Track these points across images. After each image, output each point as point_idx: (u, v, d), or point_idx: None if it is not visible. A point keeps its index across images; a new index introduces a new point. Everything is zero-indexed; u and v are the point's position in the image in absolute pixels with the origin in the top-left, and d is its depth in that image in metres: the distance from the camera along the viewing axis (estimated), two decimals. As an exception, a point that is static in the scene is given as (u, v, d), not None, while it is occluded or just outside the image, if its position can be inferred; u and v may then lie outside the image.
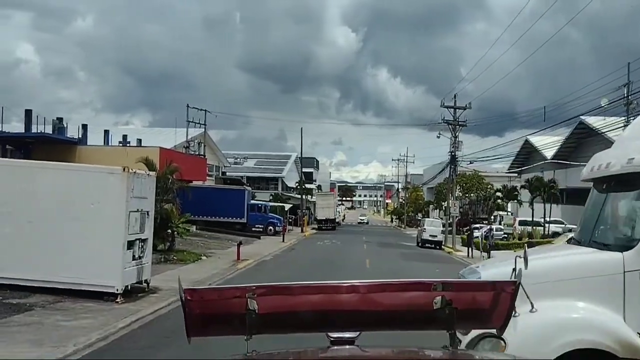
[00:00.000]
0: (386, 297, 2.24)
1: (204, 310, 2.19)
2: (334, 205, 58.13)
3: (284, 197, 72.41)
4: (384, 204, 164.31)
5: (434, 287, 2.17)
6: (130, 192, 13.27)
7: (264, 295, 2.16)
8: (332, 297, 2.24)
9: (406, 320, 2.30)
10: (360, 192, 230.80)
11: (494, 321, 2.30)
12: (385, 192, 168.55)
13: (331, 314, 2.25)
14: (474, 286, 2.50)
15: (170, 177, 22.87)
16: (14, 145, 27.31)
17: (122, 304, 12.82)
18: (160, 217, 22.27)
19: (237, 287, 2.22)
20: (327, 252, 29.60)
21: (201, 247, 28.23)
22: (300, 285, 2.24)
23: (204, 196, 40.01)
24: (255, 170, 77.72)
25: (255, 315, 2.10)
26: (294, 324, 2.30)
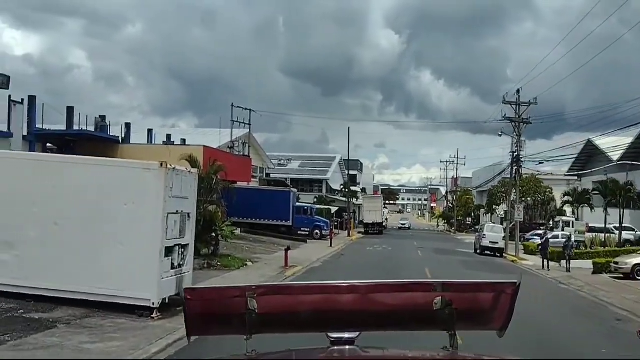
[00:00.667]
0: (386, 298, 2.21)
1: (204, 309, 2.16)
2: (381, 209, 55.70)
3: (328, 200, 70.50)
4: (429, 207, 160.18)
5: (434, 287, 2.16)
6: (168, 191, 11.49)
7: (264, 295, 2.13)
8: (332, 297, 2.21)
9: (406, 320, 2.28)
10: (404, 195, 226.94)
11: (494, 322, 2.26)
12: (430, 196, 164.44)
13: (331, 314, 2.21)
14: (474, 287, 2.35)
15: (214, 176, 21.16)
16: (55, 144, 26.28)
17: (158, 320, 11.02)
18: (204, 220, 20.64)
19: (237, 287, 2.21)
20: (379, 259, 27.36)
21: (246, 251, 26.49)
22: (300, 285, 2.29)
23: (248, 197, 38.46)
24: (299, 172, 76.15)
25: (255, 315, 2.08)
26: (294, 324, 2.27)
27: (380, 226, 55.12)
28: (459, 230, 69.71)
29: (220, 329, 2.31)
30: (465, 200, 72.91)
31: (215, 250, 21.62)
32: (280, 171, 71.11)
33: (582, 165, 63.53)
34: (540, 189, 54.50)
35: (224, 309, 2.19)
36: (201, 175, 21.01)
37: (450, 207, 79.40)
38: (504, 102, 33.59)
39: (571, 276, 22.66)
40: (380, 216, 54.83)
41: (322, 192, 74.45)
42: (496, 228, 33.37)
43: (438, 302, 2.15)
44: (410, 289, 2.27)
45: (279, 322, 2.25)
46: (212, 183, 20.97)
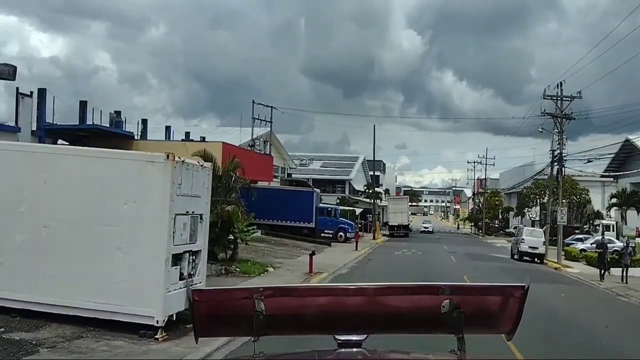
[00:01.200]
0: (394, 300, 2.21)
1: (212, 310, 2.16)
2: (407, 211, 53.41)
3: (351, 201, 68.50)
4: (453, 209, 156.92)
5: (441, 290, 2.14)
6: (176, 187, 9.70)
7: (272, 296, 2.13)
8: (339, 300, 2.22)
9: (414, 323, 2.27)
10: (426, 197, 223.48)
11: (502, 325, 2.24)
12: (454, 198, 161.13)
13: (338, 316, 2.21)
14: (481, 290, 2.33)
15: (233, 174, 19.39)
16: (66, 140, 24.82)
17: (163, 341, 9.24)
18: (222, 221, 18.89)
19: (245, 289, 2.28)
20: (411, 265, 25.30)
21: (267, 255, 24.68)
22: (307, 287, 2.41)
23: (269, 198, 36.67)
24: (321, 172, 74.33)
25: (262, 317, 2.08)
26: (301, 326, 2.27)
27: (406, 228, 52.90)
28: (487, 233, 67.00)
29: (228, 330, 2.45)
30: (494, 202, 70.13)
31: (234, 254, 19.84)
32: (302, 171, 69.47)
33: (619, 166, 60.45)
34: (576, 191, 51.63)
35: (232, 311, 2.18)
36: (218, 172, 19.31)
37: (477, 209, 76.62)
38: (544, 97, 31.22)
39: (629, 287, 20.30)
40: (406, 218, 52.63)
41: (345, 193, 72.47)
42: (536, 232, 30.96)
43: (446, 305, 2.11)
44: (417, 292, 2.24)
45: (287, 324, 2.23)
46: (231, 181, 19.18)
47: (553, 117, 30.56)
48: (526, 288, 2.17)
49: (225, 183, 19.06)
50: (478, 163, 73.78)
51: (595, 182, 58.76)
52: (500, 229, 71.95)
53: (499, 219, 75.36)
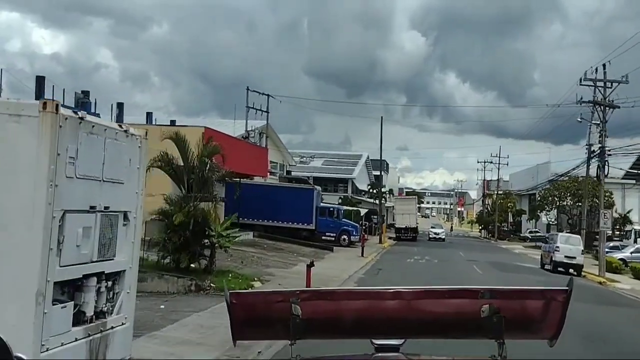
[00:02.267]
0: (432, 304, 2.15)
1: (248, 314, 2.16)
2: (415, 212, 49.00)
3: (354, 201, 64.22)
4: (457, 211, 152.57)
5: (481, 294, 2.08)
6: (65, 162, 5.37)
7: (308, 300, 2.11)
8: (376, 303, 2.17)
9: (452, 328, 2.21)
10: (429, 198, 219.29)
11: (545, 331, 2.17)
12: (457, 199, 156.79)
13: (375, 320, 2.17)
14: (522, 294, 2.22)
15: (208, 161, 15.03)
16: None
17: None
18: (194, 222, 14.62)
19: (281, 292, 2.23)
20: (430, 278, 20.90)
21: (256, 263, 20.35)
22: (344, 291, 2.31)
23: (263, 195, 32.36)
24: (323, 171, 70.07)
25: (299, 320, 2.06)
26: (338, 330, 2.23)
27: (415, 231, 48.53)
28: (500, 237, 62.56)
29: (265, 333, 2.30)
30: (507, 204, 65.69)
31: (210, 264, 15.48)
32: (302, 169, 65.43)
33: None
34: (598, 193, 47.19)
35: (268, 314, 2.16)
36: (191, 161, 15.01)
37: (488, 212, 72.13)
38: (582, 82, 26.85)
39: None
40: (414, 220, 48.25)
41: (348, 192, 68.15)
42: (572, 239, 26.52)
43: (485, 309, 2.07)
44: (456, 296, 2.18)
45: (323, 328, 2.20)
46: (205, 171, 14.83)
47: (594, 105, 26.18)
48: (569, 292, 2.08)
49: (199, 173, 14.74)
50: (489, 163, 69.28)
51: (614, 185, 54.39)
52: (512, 233, 67.55)
53: (510, 223, 70.91)
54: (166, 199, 14.94)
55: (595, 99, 26.84)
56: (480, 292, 2.10)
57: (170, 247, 14.53)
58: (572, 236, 27.62)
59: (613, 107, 25.32)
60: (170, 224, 14.55)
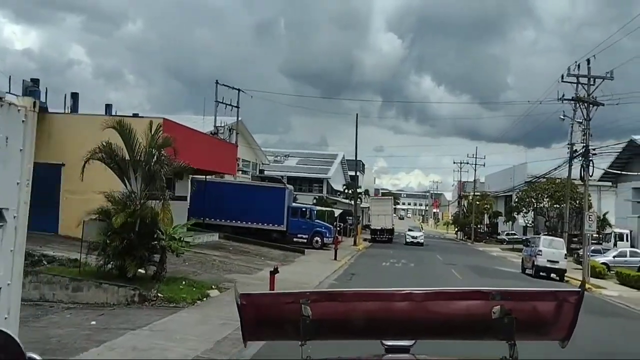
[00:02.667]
0: (442, 306, 2.11)
1: (258, 314, 2.15)
2: (391, 213, 47.51)
3: (329, 201, 62.69)
4: (432, 213, 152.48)
5: (492, 296, 2.06)
6: None
7: (318, 301, 2.10)
8: (387, 305, 2.14)
9: (463, 329, 2.19)
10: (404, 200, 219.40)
11: (556, 332, 2.13)
12: (433, 201, 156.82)
13: (386, 321, 2.14)
14: (534, 296, 2.19)
15: (155, 152, 13.10)
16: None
17: None
18: (141, 223, 12.77)
19: (291, 293, 2.17)
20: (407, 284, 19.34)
21: (217, 268, 18.51)
22: (354, 292, 2.21)
23: (231, 194, 30.50)
24: (298, 170, 68.34)
25: (309, 321, 2.05)
26: (348, 331, 2.20)
27: (390, 233, 47.06)
28: (477, 239, 61.63)
29: (275, 334, 2.32)
30: (483, 205, 64.87)
31: (160, 270, 13.58)
32: (276, 168, 63.63)
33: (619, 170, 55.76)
34: (575, 195, 46.52)
35: (278, 315, 2.16)
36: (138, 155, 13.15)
37: (464, 214, 71.29)
38: (566, 77, 25.65)
39: None
40: (390, 221, 46.76)
41: (323, 192, 66.56)
42: (556, 242, 25.24)
43: (496, 310, 2.05)
44: (467, 297, 2.15)
45: (333, 329, 2.19)
46: (152, 164, 12.92)
47: (577, 102, 25.00)
48: (581, 293, 2.09)
49: (145, 167, 12.86)
50: (465, 164, 68.44)
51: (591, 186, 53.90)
52: (489, 235, 66.83)
53: (486, 224, 70.25)
54: (108, 196, 13.02)
55: (577, 96, 25.67)
56: (492, 294, 2.09)
57: (111, 252, 12.62)
58: (556, 239, 26.38)
59: (597, 104, 24.17)
60: (112, 225, 12.65)
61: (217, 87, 36.60)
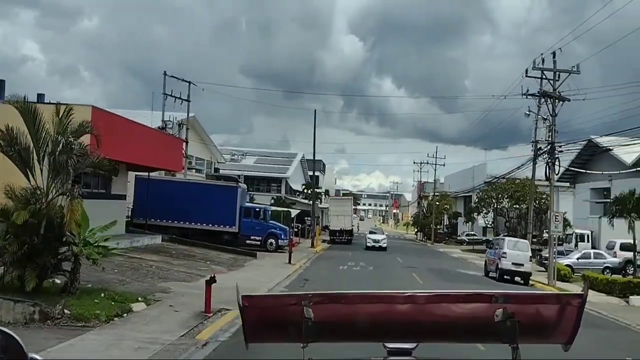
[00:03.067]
0: (445, 308, 2.11)
1: (260, 316, 2.14)
2: (350, 214, 45.95)
3: (287, 202, 60.77)
4: (392, 213, 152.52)
5: (494, 299, 2.06)
6: None
7: (320, 303, 2.09)
8: (389, 307, 2.12)
9: (466, 332, 2.20)
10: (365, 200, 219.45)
11: (559, 336, 2.12)
12: (393, 201, 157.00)
13: (388, 323, 2.14)
14: (537, 299, 2.25)
15: (62, 139, 10.85)
16: None
17: None
18: (47, 224, 10.61)
19: (293, 295, 2.19)
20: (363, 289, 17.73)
21: (152, 275, 16.35)
22: (356, 294, 2.17)
23: (179, 193, 28.18)
24: (255, 169, 66.15)
25: (311, 323, 2.04)
26: (351, 333, 2.21)
27: (350, 234, 45.50)
28: (437, 240, 60.87)
29: (277, 336, 2.27)
30: (443, 206, 64.25)
31: (72, 282, 11.37)
32: (233, 167, 61.31)
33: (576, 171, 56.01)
34: (536, 195, 46.09)
35: (281, 317, 2.15)
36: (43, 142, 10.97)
37: (424, 214, 70.61)
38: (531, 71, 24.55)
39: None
40: (349, 222, 45.21)
41: (282, 192, 64.56)
42: (520, 244, 24.04)
43: (499, 314, 2.05)
44: (470, 300, 2.14)
45: (336, 331, 2.20)
46: (57, 153, 10.70)
47: (543, 96, 23.90)
48: (584, 297, 2.07)
49: (51, 157, 10.67)
50: (425, 164, 67.70)
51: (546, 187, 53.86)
52: (448, 236, 66.29)
53: (445, 225, 69.75)
54: (7, 192, 10.78)
55: (543, 91, 24.62)
56: (494, 297, 2.09)
57: (8, 258, 10.40)
58: (520, 241, 25.24)
59: (563, 99, 23.16)
60: (12, 226, 10.45)
61: (165, 79, 34.13)
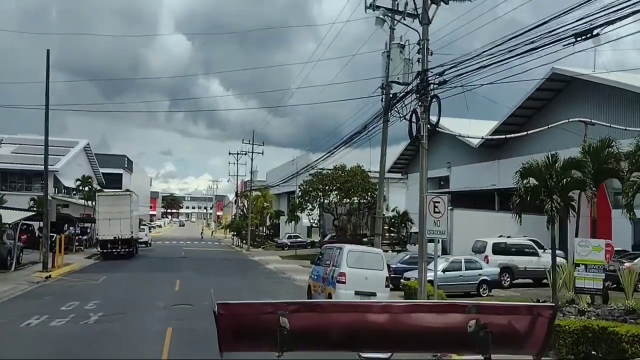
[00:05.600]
0: (419, 318, 2.11)
1: (236, 325, 2.09)
2: (129, 215, 31.96)
3: (55, 203, 44.64)
4: (215, 216, 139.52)
5: (468, 309, 2.07)
6: None
7: (296, 312, 2.07)
8: (364, 317, 2.12)
9: (439, 342, 2.19)
10: (188, 203, 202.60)
11: (530, 346, 2.13)
12: (216, 203, 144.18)
13: (363, 333, 2.13)
14: (509, 310, 2.20)
15: None
16: None
17: None
18: None
19: (269, 303, 2.11)
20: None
21: None
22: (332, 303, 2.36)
23: None
24: (13, 161, 48.56)
25: (286, 332, 2.02)
26: (326, 342, 2.19)
27: (130, 244, 31.77)
28: (254, 244, 49.80)
29: (252, 345, 2.19)
30: (261, 204, 53.48)
31: None
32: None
33: (408, 161, 49.56)
34: (368, 186, 37.54)
35: (256, 325, 2.10)
36: None
37: (241, 215, 59.17)
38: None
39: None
40: (128, 227, 31.32)
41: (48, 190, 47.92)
42: (369, 257, 12.22)
43: (472, 324, 2.04)
44: (444, 310, 2.16)
45: (311, 340, 2.16)
46: None
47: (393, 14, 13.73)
48: (555, 307, 2.10)
49: None
50: (243, 154, 56.19)
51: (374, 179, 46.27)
52: (269, 239, 55.82)
53: (267, 226, 59.24)
54: None
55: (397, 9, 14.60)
56: (468, 307, 2.07)
57: None
58: (369, 252, 14.05)
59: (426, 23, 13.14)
60: None
61: None
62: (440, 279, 17.91)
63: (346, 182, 36.63)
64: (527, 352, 2.14)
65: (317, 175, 38.07)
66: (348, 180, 36.61)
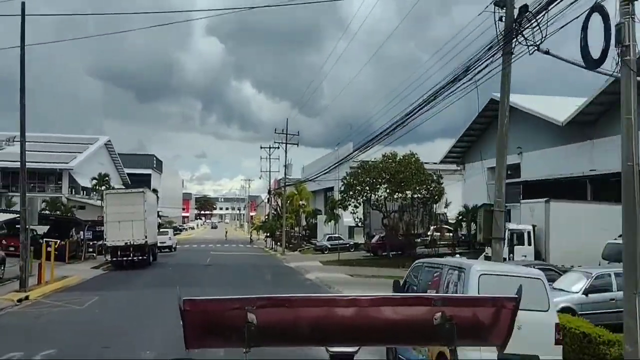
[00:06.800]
0: (386, 312, 2.09)
1: (203, 321, 2.05)
2: (143, 216, 26.48)
3: (71, 205, 40.02)
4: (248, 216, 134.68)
5: (434, 302, 2.07)
6: None
7: (263, 307, 2.02)
8: (331, 311, 2.09)
9: (406, 335, 2.19)
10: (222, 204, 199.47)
11: (494, 338, 2.15)
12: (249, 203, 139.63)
13: (331, 327, 2.11)
14: (474, 302, 2.27)
15: None
16: None
17: None
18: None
19: (236, 299, 2.06)
20: None
21: None
22: (299, 298, 2.07)
23: None
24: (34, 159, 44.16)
25: (254, 328, 1.98)
26: (293, 337, 2.16)
27: (143, 251, 26.35)
28: (289, 247, 44.01)
29: (219, 341, 2.16)
30: (297, 203, 47.66)
31: None
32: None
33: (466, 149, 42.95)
34: (424, 178, 31.26)
35: (223, 321, 2.05)
36: None
37: (275, 214, 53.51)
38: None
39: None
40: (141, 230, 25.90)
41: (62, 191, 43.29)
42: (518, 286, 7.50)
43: (438, 317, 2.04)
44: (410, 303, 2.15)
45: (278, 335, 2.12)
46: None
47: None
48: (518, 299, 2.07)
49: None
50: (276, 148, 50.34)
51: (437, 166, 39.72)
52: (306, 240, 49.95)
53: (303, 227, 53.41)
54: None
55: None
56: (434, 300, 2.06)
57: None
58: (519, 273, 7.19)
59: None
60: None
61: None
62: (581, 304, 11.65)
63: (398, 173, 30.44)
64: (491, 343, 2.14)
65: (364, 167, 31.96)
66: (400, 171, 30.41)
